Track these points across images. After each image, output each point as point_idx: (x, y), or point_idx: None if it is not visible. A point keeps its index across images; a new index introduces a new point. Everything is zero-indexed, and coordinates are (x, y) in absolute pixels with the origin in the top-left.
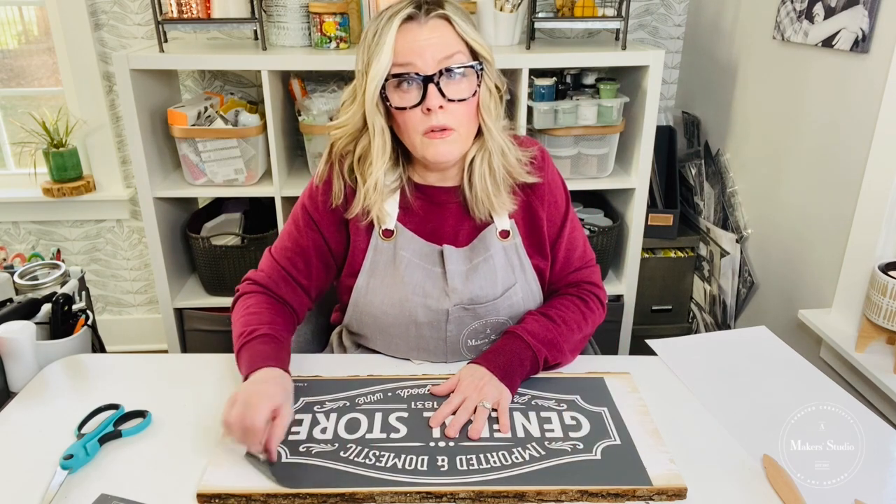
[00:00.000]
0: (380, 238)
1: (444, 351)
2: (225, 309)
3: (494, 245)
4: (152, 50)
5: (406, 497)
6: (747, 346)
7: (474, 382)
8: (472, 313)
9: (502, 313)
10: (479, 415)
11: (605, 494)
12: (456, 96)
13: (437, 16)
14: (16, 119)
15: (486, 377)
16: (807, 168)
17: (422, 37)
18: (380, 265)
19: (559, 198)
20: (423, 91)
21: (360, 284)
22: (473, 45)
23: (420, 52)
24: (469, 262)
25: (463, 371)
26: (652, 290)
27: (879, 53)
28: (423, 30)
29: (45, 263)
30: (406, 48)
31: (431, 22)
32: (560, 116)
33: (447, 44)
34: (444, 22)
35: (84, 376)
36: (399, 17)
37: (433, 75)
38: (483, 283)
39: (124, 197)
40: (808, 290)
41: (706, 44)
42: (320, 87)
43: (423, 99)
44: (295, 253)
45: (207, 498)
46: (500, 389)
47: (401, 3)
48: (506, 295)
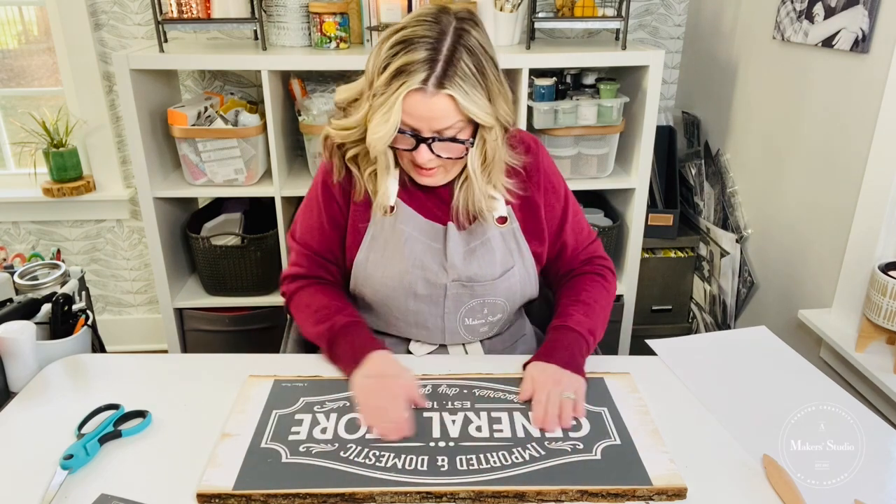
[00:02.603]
0: (380, 213)
1: (442, 329)
2: (225, 309)
3: (492, 230)
4: (152, 50)
5: (406, 497)
6: (747, 346)
7: (551, 377)
8: (469, 291)
9: (500, 294)
10: (565, 405)
11: (605, 494)
12: (445, 154)
13: (443, 94)
14: (16, 119)
15: (558, 371)
16: (807, 168)
17: (424, 109)
18: (379, 239)
19: (556, 183)
20: (416, 145)
21: (360, 259)
22: (474, 118)
23: (419, 119)
24: (467, 245)
25: (532, 370)
26: (652, 290)
27: (879, 53)
28: (428, 104)
29: (45, 263)
30: (409, 112)
31: (436, 98)
32: (560, 116)
33: (446, 118)
34: (448, 99)
35: (84, 376)
36: (406, 89)
37: (427, 138)
38: (481, 263)
39: (124, 197)
40: (807, 290)
41: (706, 44)
42: (320, 87)
43: (415, 150)
44: (319, 233)
45: (207, 498)
46: (575, 378)
47: (413, 60)
48: (504, 276)
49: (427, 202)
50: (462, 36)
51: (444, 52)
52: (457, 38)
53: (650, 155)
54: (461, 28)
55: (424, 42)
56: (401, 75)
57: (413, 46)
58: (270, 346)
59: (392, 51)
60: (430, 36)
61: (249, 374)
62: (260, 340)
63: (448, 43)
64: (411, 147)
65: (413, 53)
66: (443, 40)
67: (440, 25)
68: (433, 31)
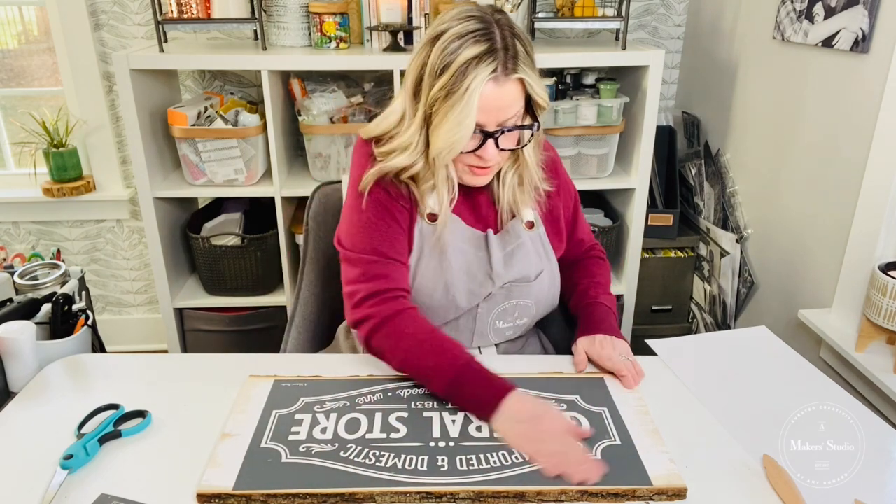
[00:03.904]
0: (425, 221)
1: (472, 330)
2: (224, 309)
3: (523, 234)
4: (152, 50)
5: (406, 497)
6: (747, 346)
7: (604, 345)
8: (506, 292)
9: (532, 297)
10: (628, 365)
11: (604, 494)
12: (507, 146)
13: (514, 79)
14: (16, 119)
15: (606, 339)
16: (807, 168)
17: (497, 99)
18: (425, 249)
19: (569, 181)
20: (482, 142)
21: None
22: (538, 99)
23: (489, 111)
24: (504, 250)
25: (582, 343)
26: (652, 290)
27: (879, 53)
28: (501, 92)
29: (45, 263)
30: (481, 107)
31: (508, 84)
32: (560, 116)
33: (514, 105)
34: (518, 84)
35: (84, 376)
36: (481, 80)
37: (494, 132)
38: (521, 266)
39: (124, 197)
40: (808, 290)
41: (706, 44)
42: (320, 87)
43: (480, 147)
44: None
45: (207, 498)
46: (621, 342)
47: (478, 52)
48: (537, 279)
49: (464, 208)
50: (506, 24)
51: (499, 40)
52: (504, 26)
53: (650, 155)
54: (501, 17)
55: (478, 34)
56: (469, 70)
57: (470, 40)
58: (270, 346)
59: (448, 49)
60: (480, 29)
61: (249, 374)
62: (260, 340)
63: (499, 31)
64: (477, 145)
65: (473, 47)
66: (492, 30)
67: (483, 18)
68: (480, 24)
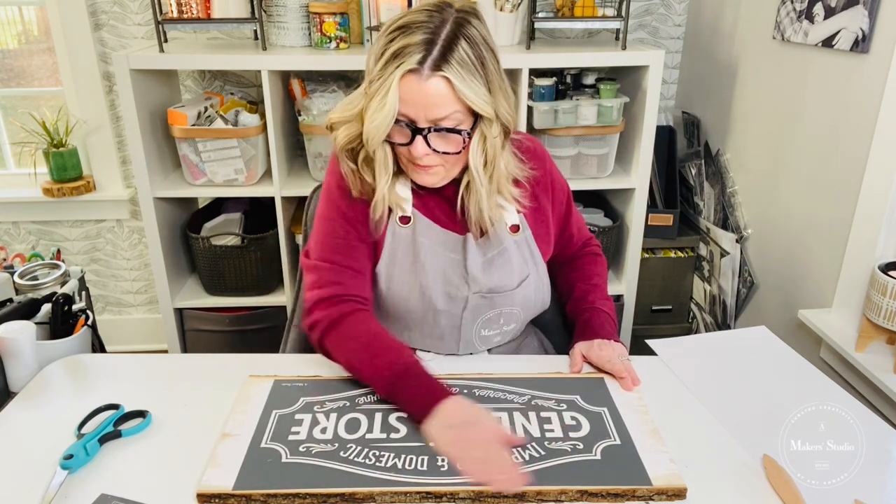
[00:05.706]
0: (398, 224)
1: (457, 339)
2: (224, 309)
3: (507, 239)
4: (152, 50)
5: (406, 497)
6: (747, 346)
7: (603, 347)
8: (489, 302)
9: (517, 304)
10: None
11: (604, 494)
12: (441, 149)
13: (439, 76)
14: (16, 119)
15: (604, 343)
16: (807, 168)
17: (420, 93)
18: (398, 253)
19: (561, 180)
20: (412, 137)
21: (380, 271)
22: (472, 106)
23: (415, 105)
24: (484, 256)
25: (580, 347)
26: (652, 290)
27: (879, 53)
28: (423, 86)
29: (45, 263)
30: (404, 98)
31: (432, 80)
32: (560, 116)
33: (442, 104)
34: (444, 82)
35: (84, 376)
36: (402, 70)
37: (423, 128)
38: (501, 274)
39: (124, 197)
40: (807, 290)
41: (706, 44)
42: (320, 87)
43: (411, 142)
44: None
45: (207, 498)
46: (618, 345)
47: (411, 42)
48: (521, 286)
49: (439, 211)
50: (463, 25)
51: (442, 36)
52: (457, 27)
53: (650, 155)
54: (462, 18)
55: (423, 27)
56: (396, 58)
57: (411, 31)
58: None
59: (390, 37)
60: (429, 22)
61: (249, 374)
62: (260, 340)
63: (448, 30)
64: (407, 140)
65: (411, 37)
66: (442, 27)
67: (441, 14)
68: (433, 18)
